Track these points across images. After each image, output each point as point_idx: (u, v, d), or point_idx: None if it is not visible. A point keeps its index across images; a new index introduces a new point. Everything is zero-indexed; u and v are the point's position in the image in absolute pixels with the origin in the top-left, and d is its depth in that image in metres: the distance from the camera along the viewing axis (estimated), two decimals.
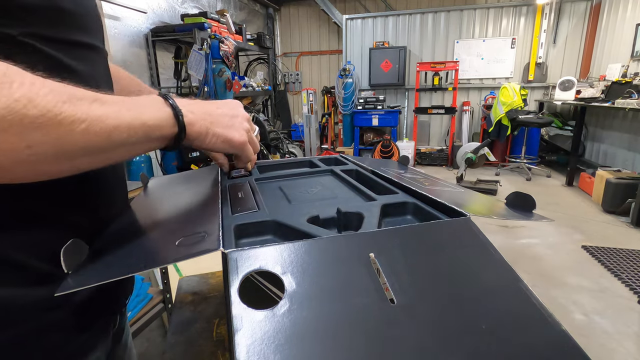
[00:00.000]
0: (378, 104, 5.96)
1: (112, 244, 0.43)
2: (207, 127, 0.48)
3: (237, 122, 0.53)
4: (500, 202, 0.56)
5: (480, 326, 0.30)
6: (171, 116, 0.43)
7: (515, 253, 2.74)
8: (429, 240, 0.40)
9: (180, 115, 0.44)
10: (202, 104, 0.50)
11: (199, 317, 0.83)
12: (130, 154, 0.40)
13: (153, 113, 0.41)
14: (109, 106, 0.36)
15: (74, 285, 0.33)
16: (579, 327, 1.89)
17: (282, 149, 4.45)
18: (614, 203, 3.38)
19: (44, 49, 0.40)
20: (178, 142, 0.45)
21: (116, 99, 0.38)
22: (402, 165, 0.84)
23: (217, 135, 0.50)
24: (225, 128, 0.51)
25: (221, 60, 3.78)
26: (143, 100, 0.42)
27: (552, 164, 5.37)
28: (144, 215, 0.56)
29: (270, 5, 6.93)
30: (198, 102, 0.50)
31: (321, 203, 0.53)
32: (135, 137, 0.38)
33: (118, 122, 0.36)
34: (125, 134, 0.37)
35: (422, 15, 6.03)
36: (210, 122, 0.49)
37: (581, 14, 5.41)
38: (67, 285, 0.34)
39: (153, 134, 0.41)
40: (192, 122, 0.46)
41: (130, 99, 0.40)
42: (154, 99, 0.43)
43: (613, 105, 3.55)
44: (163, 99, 0.44)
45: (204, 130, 0.48)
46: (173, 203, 0.61)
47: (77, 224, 0.46)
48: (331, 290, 0.32)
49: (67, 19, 0.43)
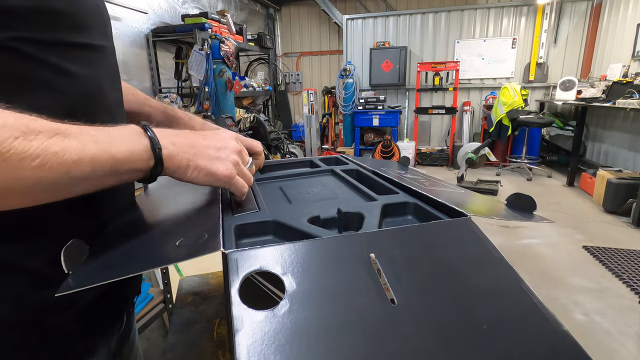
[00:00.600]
0: (379, 104, 5.96)
1: (113, 244, 0.43)
2: (189, 159, 0.45)
3: (224, 154, 0.49)
4: (501, 203, 0.56)
5: (481, 326, 0.30)
6: (148, 149, 0.41)
7: (516, 253, 2.74)
8: (430, 240, 0.40)
9: (158, 147, 0.41)
10: (188, 135, 0.48)
11: (200, 317, 0.82)
12: (97, 187, 0.38)
13: (125, 146, 0.39)
14: (72, 139, 0.34)
15: (75, 285, 0.33)
16: (580, 327, 1.89)
17: (283, 149, 4.45)
18: (615, 203, 3.38)
19: (35, 53, 0.39)
20: (155, 175, 0.43)
21: (84, 130, 0.36)
22: (403, 166, 0.84)
23: (199, 168, 0.46)
24: (210, 160, 0.47)
25: (222, 60, 3.78)
26: (117, 132, 0.39)
27: (553, 164, 5.36)
28: (145, 216, 0.56)
29: (271, 6, 6.94)
30: (184, 133, 0.47)
31: (322, 203, 0.53)
32: (101, 171, 0.36)
33: (79, 157, 0.34)
34: (89, 169, 0.35)
35: (423, 16, 6.03)
36: (193, 154, 0.46)
37: (582, 13, 5.40)
38: (67, 286, 0.34)
39: (122, 167, 0.38)
40: (172, 155, 0.43)
41: (103, 130, 0.38)
42: (132, 130, 0.41)
43: (614, 105, 3.55)
44: (143, 129, 0.42)
45: (184, 163, 0.45)
46: (174, 203, 0.61)
47: (80, 226, 0.46)
48: (332, 290, 0.32)
49: (60, 19, 0.42)
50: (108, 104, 0.51)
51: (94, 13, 0.49)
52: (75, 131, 0.35)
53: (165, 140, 0.43)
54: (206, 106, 3.81)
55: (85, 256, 0.40)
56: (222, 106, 3.90)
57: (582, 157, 4.72)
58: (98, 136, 0.37)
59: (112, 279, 0.33)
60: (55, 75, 0.42)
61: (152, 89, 4.04)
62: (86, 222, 0.47)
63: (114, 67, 0.54)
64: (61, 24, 0.42)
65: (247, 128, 4.03)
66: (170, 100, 3.77)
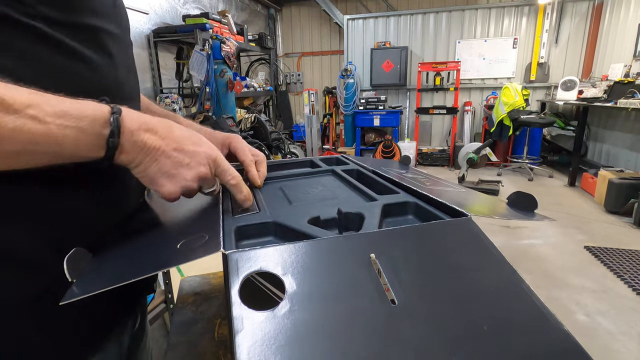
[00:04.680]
0: (379, 104, 5.95)
1: (116, 249, 0.44)
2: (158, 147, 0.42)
3: (189, 165, 0.44)
4: (502, 202, 0.56)
5: (482, 327, 0.30)
6: (105, 115, 0.38)
7: (517, 253, 2.73)
8: (430, 240, 0.40)
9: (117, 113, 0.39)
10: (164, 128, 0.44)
11: (201, 317, 0.82)
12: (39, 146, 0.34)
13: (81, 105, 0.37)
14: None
15: (79, 293, 0.34)
16: (581, 327, 1.89)
17: (284, 150, 4.45)
18: (616, 203, 3.37)
19: (53, 34, 0.38)
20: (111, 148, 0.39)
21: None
22: (404, 166, 0.84)
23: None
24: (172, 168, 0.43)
25: (223, 60, 3.79)
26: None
27: (554, 164, 5.35)
28: (147, 219, 0.56)
29: (272, 6, 6.94)
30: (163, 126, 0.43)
31: (322, 204, 0.53)
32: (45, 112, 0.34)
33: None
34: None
35: (424, 16, 6.03)
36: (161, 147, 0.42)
37: (583, 13, 5.39)
38: (72, 294, 0.34)
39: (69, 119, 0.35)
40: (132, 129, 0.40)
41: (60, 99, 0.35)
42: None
43: (615, 105, 3.54)
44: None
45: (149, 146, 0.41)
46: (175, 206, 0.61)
47: (93, 224, 0.46)
48: (332, 291, 0.32)
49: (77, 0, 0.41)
50: (124, 94, 0.50)
51: (108, 0, 0.48)
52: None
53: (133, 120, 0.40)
54: (207, 106, 3.81)
55: (88, 263, 0.40)
56: (223, 106, 3.90)
57: (583, 157, 4.71)
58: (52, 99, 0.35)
59: (115, 284, 0.33)
60: (71, 60, 0.41)
61: (153, 89, 4.04)
62: (107, 213, 0.47)
63: (130, 59, 0.53)
64: (79, 4, 0.41)
65: (248, 128, 4.03)
66: (172, 101, 3.78)
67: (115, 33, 0.48)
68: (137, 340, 0.62)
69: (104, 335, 0.49)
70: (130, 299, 0.56)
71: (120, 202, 0.52)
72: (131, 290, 0.55)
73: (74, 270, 0.38)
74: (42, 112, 0.33)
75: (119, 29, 0.50)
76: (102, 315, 0.48)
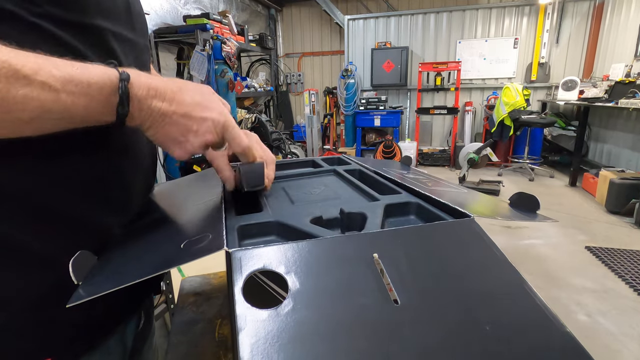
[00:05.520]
0: (380, 105, 5.95)
1: (120, 250, 0.44)
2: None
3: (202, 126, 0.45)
4: (503, 203, 0.56)
5: (484, 327, 0.30)
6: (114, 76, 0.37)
7: (519, 254, 2.73)
8: (433, 241, 0.40)
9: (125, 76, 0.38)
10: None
11: (201, 317, 0.83)
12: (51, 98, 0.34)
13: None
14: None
15: (85, 295, 0.34)
16: (582, 328, 1.88)
17: (284, 150, 4.45)
18: (617, 203, 3.36)
19: (59, 34, 0.38)
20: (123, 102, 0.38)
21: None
22: (405, 166, 0.84)
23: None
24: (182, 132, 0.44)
25: (223, 61, 3.79)
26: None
27: (555, 165, 5.34)
28: (151, 219, 0.56)
29: (272, 6, 6.94)
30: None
31: (324, 204, 0.53)
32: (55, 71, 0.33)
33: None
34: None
35: (424, 16, 6.02)
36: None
37: (584, 13, 5.39)
38: (78, 296, 0.34)
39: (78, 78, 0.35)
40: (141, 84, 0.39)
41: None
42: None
43: (616, 105, 3.53)
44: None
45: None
46: (178, 206, 0.61)
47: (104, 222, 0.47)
48: (335, 290, 0.32)
49: (87, 1, 0.41)
50: None
51: (121, 3, 0.48)
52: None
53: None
54: None
55: (93, 265, 0.40)
56: None
57: (584, 157, 4.70)
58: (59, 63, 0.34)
59: (120, 285, 0.33)
60: (75, 60, 0.41)
61: None
62: (109, 216, 0.48)
63: (142, 63, 0.53)
64: (87, 5, 0.41)
65: (249, 129, 4.03)
66: None
67: (125, 36, 0.48)
68: (143, 339, 0.62)
69: (107, 334, 0.49)
70: (133, 298, 0.56)
71: (125, 204, 0.52)
72: (134, 290, 0.55)
73: (80, 273, 0.38)
74: (52, 77, 0.33)
75: (133, 33, 0.50)
76: (105, 315, 0.48)
